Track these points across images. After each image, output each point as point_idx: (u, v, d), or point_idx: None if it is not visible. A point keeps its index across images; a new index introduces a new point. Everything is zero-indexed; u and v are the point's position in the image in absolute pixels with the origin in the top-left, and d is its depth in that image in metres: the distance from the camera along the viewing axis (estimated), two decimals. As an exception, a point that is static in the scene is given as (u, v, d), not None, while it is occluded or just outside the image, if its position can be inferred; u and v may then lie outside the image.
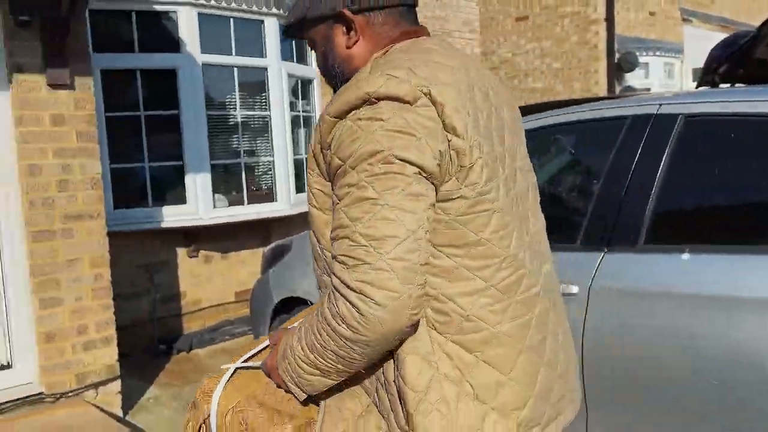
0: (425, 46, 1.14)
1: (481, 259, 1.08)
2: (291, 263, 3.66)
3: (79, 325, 3.50)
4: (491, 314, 1.10)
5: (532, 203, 1.26)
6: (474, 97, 1.10)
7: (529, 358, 1.13)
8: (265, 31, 5.47)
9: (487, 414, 1.09)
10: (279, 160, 5.59)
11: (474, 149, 1.05)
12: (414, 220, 1.00)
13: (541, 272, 1.20)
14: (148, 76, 4.96)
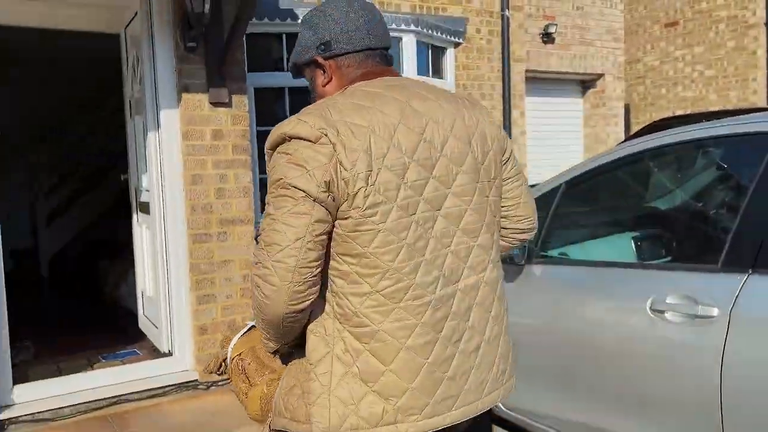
0: (368, 89, 1.38)
1: (368, 268, 1.31)
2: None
3: (229, 320, 3.85)
4: (375, 314, 1.32)
5: (471, 223, 1.42)
6: (391, 133, 1.31)
7: (410, 356, 1.33)
8: (403, 48, 5.67)
9: (367, 394, 1.33)
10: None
11: (358, 181, 1.27)
12: (294, 232, 1.26)
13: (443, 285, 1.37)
14: (294, 92, 5.33)
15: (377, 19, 1.49)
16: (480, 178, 1.44)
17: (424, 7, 6.14)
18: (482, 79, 6.50)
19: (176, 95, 3.73)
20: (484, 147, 1.46)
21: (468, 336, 1.41)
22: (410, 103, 1.37)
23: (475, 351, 1.43)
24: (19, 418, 3.32)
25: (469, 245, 1.42)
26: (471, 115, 1.46)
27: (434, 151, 1.37)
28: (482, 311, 1.45)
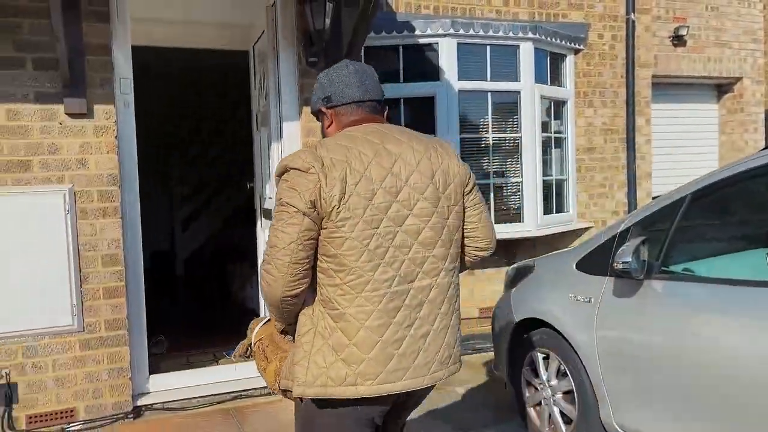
0: (352, 133, 1.82)
1: (339, 266, 1.73)
2: (533, 284, 3.70)
3: (341, 324, 3.97)
4: (343, 300, 1.74)
5: (428, 238, 1.83)
6: (367, 166, 1.75)
7: (367, 334, 1.74)
8: (520, 56, 5.60)
9: (336, 360, 1.74)
10: (528, 181, 5.65)
11: (333, 201, 1.70)
12: (289, 238, 1.70)
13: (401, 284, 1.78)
14: (411, 103, 5.42)
15: (367, 78, 1.94)
16: (440, 204, 1.86)
17: (543, 13, 6.03)
18: (604, 86, 6.26)
19: (298, 108, 3.92)
20: (446, 180, 1.88)
21: (418, 324, 1.82)
22: (384, 145, 1.82)
23: (423, 337, 1.83)
24: (153, 405, 3.62)
25: (424, 255, 1.83)
26: (437, 155, 1.88)
27: (399, 182, 1.80)
28: (432, 307, 1.85)
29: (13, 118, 3.28)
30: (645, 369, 2.78)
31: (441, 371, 1.86)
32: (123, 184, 3.53)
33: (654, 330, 2.76)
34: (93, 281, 3.43)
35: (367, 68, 1.98)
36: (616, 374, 2.97)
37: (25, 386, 3.33)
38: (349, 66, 1.95)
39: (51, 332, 3.36)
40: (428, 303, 1.84)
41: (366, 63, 5.00)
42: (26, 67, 3.29)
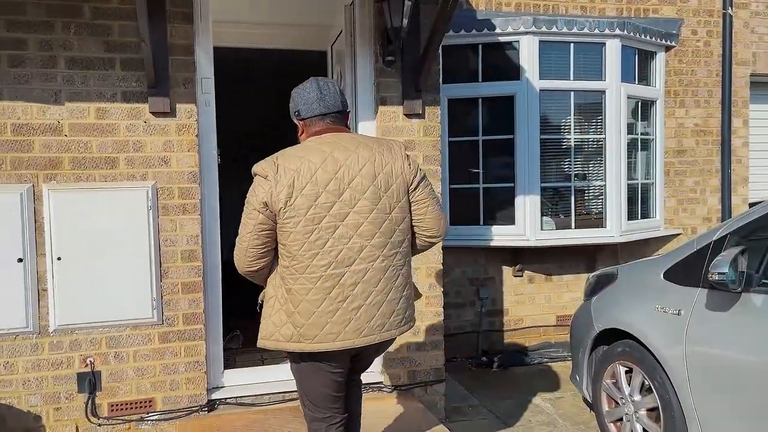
0: (310, 144, 2.30)
1: (287, 252, 2.24)
2: (615, 293, 3.51)
3: (414, 327, 3.90)
4: (290, 279, 2.25)
5: (366, 231, 2.24)
6: (314, 173, 2.20)
7: (307, 305, 2.24)
8: (606, 54, 5.36)
9: (286, 323, 2.27)
10: (611, 185, 5.40)
11: (280, 203, 2.19)
12: (246, 229, 2.25)
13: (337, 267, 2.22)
14: (488, 102, 5.29)
15: (328, 95, 2.35)
16: (380, 202, 2.27)
17: (632, 9, 5.75)
18: (697, 84, 5.90)
19: (374, 107, 3.89)
20: (389, 181, 2.29)
21: (351, 299, 2.25)
22: (333, 153, 2.25)
23: (355, 309, 2.26)
24: (227, 400, 3.68)
25: (362, 244, 2.25)
26: (382, 160, 2.29)
27: (343, 184, 2.23)
28: (367, 286, 2.26)
29: (102, 116, 3.41)
30: (741, 390, 2.57)
31: (373, 335, 2.29)
32: (202, 181, 3.61)
33: (752, 348, 2.54)
34: (172, 276, 3.52)
35: (330, 84, 2.39)
36: (708, 394, 2.76)
37: (108, 375, 3.45)
38: (313, 83, 2.37)
39: (132, 324, 3.47)
40: (363, 283, 2.26)
41: (444, 61, 5.01)
42: (115, 67, 3.41)
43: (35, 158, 3.32)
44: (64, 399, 3.40)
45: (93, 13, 3.37)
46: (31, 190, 3.32)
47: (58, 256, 3.35)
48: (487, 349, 5.40)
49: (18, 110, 3.30)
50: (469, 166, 5.34)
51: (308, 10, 4.67)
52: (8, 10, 3.27)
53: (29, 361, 3.35)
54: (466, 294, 5.40)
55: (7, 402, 3.33)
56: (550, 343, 5.53)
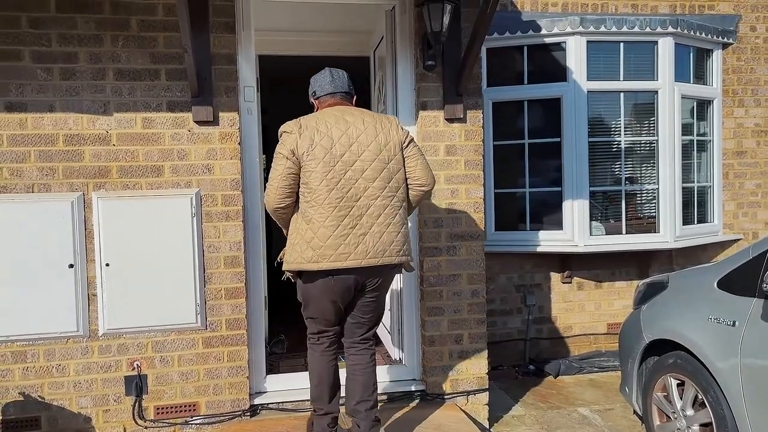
0: (326, 110, 2.94)
1: (308, 188, 2.82)
2: (665, 302, 3.37)
3: (455, 334, 3.86)
4: (310, 209, 2.82)
5: (369, 176, 2.84)
6: (329, 129, 2.83)
7: (324, 230, 2.79)
8: (658, 53, 5.17)
9: (306, 249, 2.81)
10: (665, 188, 5.20)
11: (302, 149, 2.80)
12: (277, 172, 2.83)
13: (347, 201, 2.81)
14: (534, 105, 5.19)
15: (338, 78, 3.04)
16: (381, 154, 2.88)
17: (686, 6, 5.54)
18: (757, 83, 5.63)
19: (414, 113, 3.86)
20: (387, 139, 2.90)
21: (359, 227, 2.83)
22: (344, 117, 2.90)
23: (362, 235, 2.83)
24: (269, 405, 3.71)
25: (366, 185, 2.85)
26: (381, 125, 2.92)
27: (351, 139, 2.85)
28: (369, 218, 2.85)
29: (148, 125, 3.49)
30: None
31: (375, 259, 2.86)
32: (244, 188, 3.65)
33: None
34: (215, 281, 3.58)
35: (340, 72, 3.06)
36: (765, 409, 2.61)
37: (154, 378, 3.53)
38: (326, 70, 3.06)
39: (177, 329, 3.54)
40: (366, 216, 2.85)
41: (489, 64, 4.98)
42: (160, 78, 3.50)
43: (85, 167, 3.43)
44: (113, 401, 3.50)
45: (140, 25, 3.47)
46: (82, 198, 3.43)
47: (106, 262, 3.45)
48: (534, 357, 5.28)
49: (69, 121, 3.42)
50: (514, 170, 5.24)
51: (351, 17, 4.69)
52: (60, 25, 3.39)
53: (80, 364, 3.46)
54: (513, 301, 5.30)
55: (59, 403, 3.44)
56: (600, 351, 5.37)
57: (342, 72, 3.05)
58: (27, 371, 3.41)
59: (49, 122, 3.39)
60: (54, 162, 3.40)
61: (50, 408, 3.44)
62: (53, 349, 3.43)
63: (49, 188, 3.40)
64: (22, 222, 3.35)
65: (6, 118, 3.36)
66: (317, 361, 3.09)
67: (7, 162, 3.36)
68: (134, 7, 3.46)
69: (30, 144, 3.38)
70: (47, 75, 3.39)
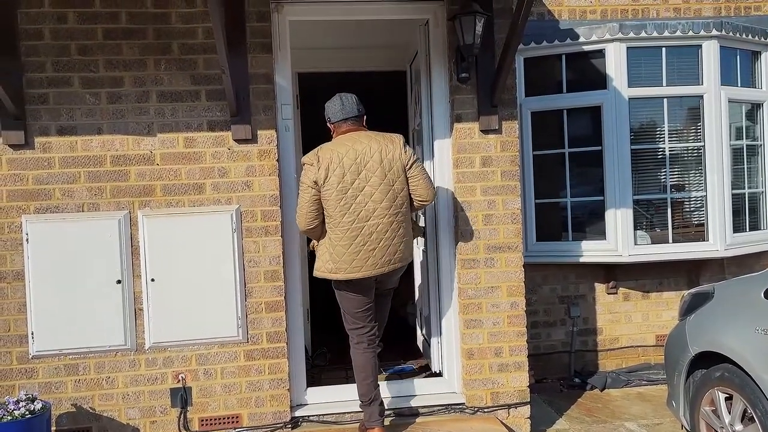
0: (338, 140, 3.40)
1: (327, 214, 3.34)
2: (711, 313, 3.27)
3: (495, 347, 3.83)
4: (330, 231, 3.36)
5: (377, 198, 3.30)
6: (341, 160, 3.29)
7: (341, 248, 3.33)
8: (703, 56, 5.04)
9: (328, 261, 3.39)
10: (713, 195, 5.05)
11: (320, 180, 3.29)
12: (304, 199, 3.35)
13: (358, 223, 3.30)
14: (574, 114, 5.12)
15: (348, 104, 3.44)
16: (386, 178, 3.31)
17: (731, 8, 5.39)
18: (810, 83, 5.42)
19: (449, 125, 3.88)
20: (392, 164, 3.32)
21: (369, 243, 3.32)
22: (354, 146, 3.32)
23: (372, 250, 3.33)
24: (309, 417, 3.75)
25: (375, 207, 3.30)
26: (386, 150, 3.33)
27: (360, 167, 3.29)
28: (379, 235, 3.33)
29: (190, 145, 3.61)
30: None
31: (382, 268, 3.38)
32: (283, 204, 3.73)
33: None
34: (256, 295, 3.66)
35: (350, 97, 3.47)
36: (816, 426, 2.50)
37: (198, 391, 3.63)
38: (337, 98, 3.46)
39: (219, 342, 3.63)
40: (376, 233, 3.33)
41: (527, 74, 4.97)
42: (201, 98, 3.62)
43: (131, 186, 3.57)
44: (159, 413, 3.61)
45: (181, 49, 3.60)
46: (128, 216, 3.57)
47: (152, 278, 3.57)
48: (579, 369, 5.18)
49: (116, 143, 3.57)
50: (555, 179, 5.18)
51: (385, 32, 4.75)
52: (107, 51, 3.55)
53: (128, 376, 3.58)
54: (556, 312, 5.21)
55: (109, 414, 3.57)
56: (649, 364, 5.22)
57: (351, 96, 3.45)
58: (78, 383, 3.55)
59: (97, 144, 3.55)
60: (102, 182, 3.55)
61: (101, 419, 3.56)
62: (103, 362, 3.57)
63: (98, 207, 3.55)
64: (73, 240, 3.51)
65: (58, 141, 3.53)
66: (361, 358, 3.53)
67: (59, 183, 3.53)
68: (175, 32, 3.59)
69: (80, 165, 3.54)
70: (95, 99, 3.55)
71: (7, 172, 3.49)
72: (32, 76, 3.50)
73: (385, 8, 3.87)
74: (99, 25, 3.54)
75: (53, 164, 3.52)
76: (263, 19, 3.65)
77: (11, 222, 3.49)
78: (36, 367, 3.52)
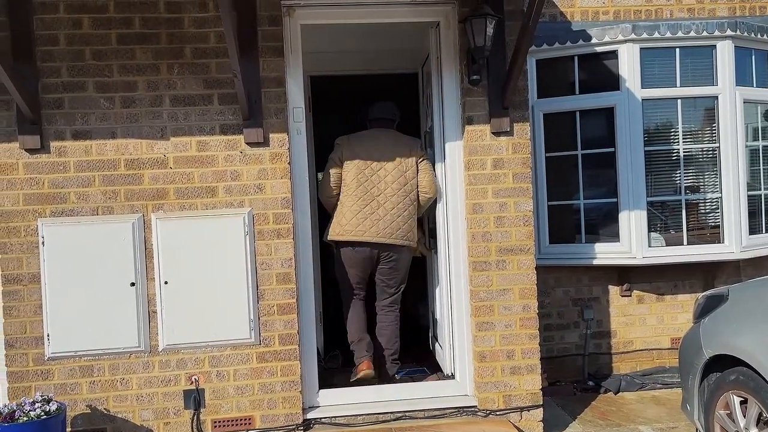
0: (367, 132, 4.32)
1: (344, 183, 4.16)
2: (725, 316, 3.24)
3: (507, 350, 3.81)
4: (344, 197, 4.16)
5: (390, 180, 4.12)
6: (365, 144, 4.18)
7: (350, 213, 4.11)
8: (717, 57, 5.00)
9: (337, 224, 4.18)
10: (728, 197, 4.99)
11: (344, 158, 4.16)
12: (328, 173, 4.18)
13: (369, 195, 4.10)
14: (587, 115, 5.09)
15: (384, 108, 4.35)
16: (399, 165, 4.10)
17: (746, 8, 5.34)
18: (827, 83, 5.35)
19: (460, 127, 3.88)
20: (407, 155, 4.12)
21: (375, 214, 4.06)
22: (378, 136, 4.22)
23: (377, 220, 4.05)
24: (321, 419, 3.76)
25: (385, 186, 4.07)
26: (405, 144, 4.17)
27: (380, 152, 4.13)
28: (386, 209, 4.06)
29: (203, 148, 3.64)
30: None
31: (384, 239, 4.07)
32: (295, 206, 3.75)
33: None
34: (268, 298, 3.68)
35: (387, 103, 4.38)
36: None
37: (211, 392, 3.65)
38: (379, 102, 4.36)
39: (232, 344, 3.65)
40: (382, 207, 4.05)
41: (539, 76, 5.02)
42: (213, 102, 3.65)
43: (144, 190, 3.61)
44: (173, 414, 3.63)
45: (193, 53, 3.64)
46: (141, 219, 3.60)
47: (165, 280, 3.60)
48: (593, 372, 5.14)
49: (130, 147, 3.61)
50: (568, 181, 5.15)
51: (397, 35, 4.75)
52: (121, 56, 3.60)
53: (142, 378, 3.62)
54: (570, 315, 5.18)
55: (123, 416, 3.60)
56: (664, 367, 5.17)
57: (388, 104, 4.36)
58: (93, 385, 3.59)
59: (111, 148, 3.59)
60: (116, 185, 3.59)
61: (115, 420, 3.60)
62: (117, 364, 3.60)
63: (112, 210, 3.58)
64: (87, 243, 3.55)
65: (73, 146, 3.58)
66: (351, 308, 4.33)
67: (74, 187, 3.57)
68: (188, 36, 3.63)
69: (94, 169, 3.58)
70: (109, 103, 3.59)
71: (23, 176, 3.54)
72: (48, 81, 3.55)
73: (396, 11, 3.88)
74: (113, 31, 3.59)
75: (68, 168, 3.57)
76: (275, 23, 3.67)
77: (27, 225, 3.54)
78: (52, 369, 3.56)
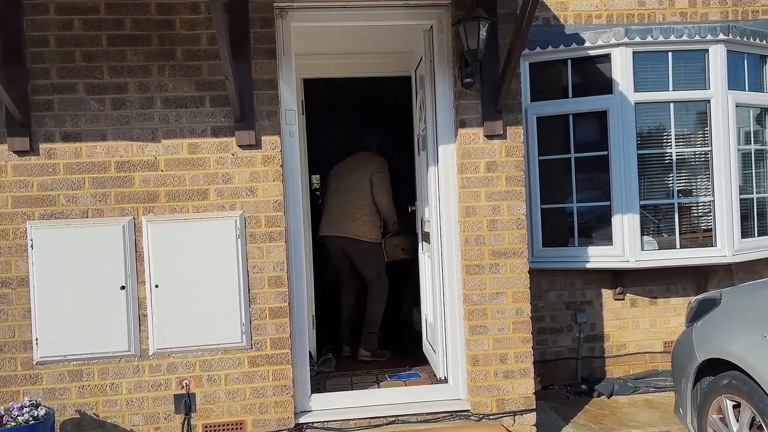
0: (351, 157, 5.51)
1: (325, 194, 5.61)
2: (717, 320, 3.24)
3: (500, 353, 3.80)
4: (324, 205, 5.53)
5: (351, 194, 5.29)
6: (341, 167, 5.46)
7: (326, 215, 5.45)
8: (710, 61, 5.01)
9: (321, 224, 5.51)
10: (720, 200, 5.00)
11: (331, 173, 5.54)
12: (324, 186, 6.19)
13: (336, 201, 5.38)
14: (580, 119, 5.09)
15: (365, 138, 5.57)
16: (359, 182, 5.28)
17: (738, 12, 5.36)
18: (819, 87, 5.37)
19: (453, 130, 3.87)
20: (364, 176, 5.28)
21: (339, 216, 5.32)
22: (353, 160, 5.43)
23: (339, 222, 5.31)
24: (313, 423, 3.74)
25: (349, 196, 5.29)
26: (362, 166, 5.33)
27: (349, 170, 5.38)
28: (349, 211, 5.28)
29: (194, 151, 3.62)
30: None
31: (342, 234, 5.26)
32: (287, 209, 3.73)
33: None
34: (260, 301, 3.65)
35: (372, 134, 5.53)
36: (826, 435, 2.46)
37: (202, 397, 3.62)
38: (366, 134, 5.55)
39: (223, 348, 3.62)
40: (346, 212, 5.23)
41: (532, 79, 5.02)
42: (205, 104, 3.63)
43: (135, 192, 3.58)
44: (163, 419, 3.60)
45: (185, 55, 3.61)
46: (132, 222, 3.57)
47: (155, 284, 3.57)
48: (587, 376, 5.13)
49: (120, 149, 3.58)
50: (561, 185, 5.15)
51: (390, 38, 4.74)
52: (111, 58, 3.57)
53: (132, 382, 3.58)
54: (563, 318, 5.17)
55: (113, 421, 3.57)
56: (657, 371, 5.17)
57: (373, 134, 5.51)
58: (83, 389, 3.55)
59: (101, 150, 3.56)
60: (106, 188, 3.56)
61: (104, 425, 3.56)
62: (107, 368, 3.57)
63: (102, 213, 3.55)
64: (77, 246, 3.52)
65: (63, 148, 3.54)
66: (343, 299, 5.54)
67: (63, 189, 3.54)
68: (180, 38, 3.60)
69: (84, 171, 3.55)
70: (100, 105, 3.56)
71: (12, 178, 3.51)
72: (37, 82, 3.52)
73: (389, 14, 3.87)
74: (104, 32, 3.56)
75: (58, 170, 3.53)
76: (267, 25, 3.65)
77: (16, 228, 3.50)
78: (40, 373, 3.52)
